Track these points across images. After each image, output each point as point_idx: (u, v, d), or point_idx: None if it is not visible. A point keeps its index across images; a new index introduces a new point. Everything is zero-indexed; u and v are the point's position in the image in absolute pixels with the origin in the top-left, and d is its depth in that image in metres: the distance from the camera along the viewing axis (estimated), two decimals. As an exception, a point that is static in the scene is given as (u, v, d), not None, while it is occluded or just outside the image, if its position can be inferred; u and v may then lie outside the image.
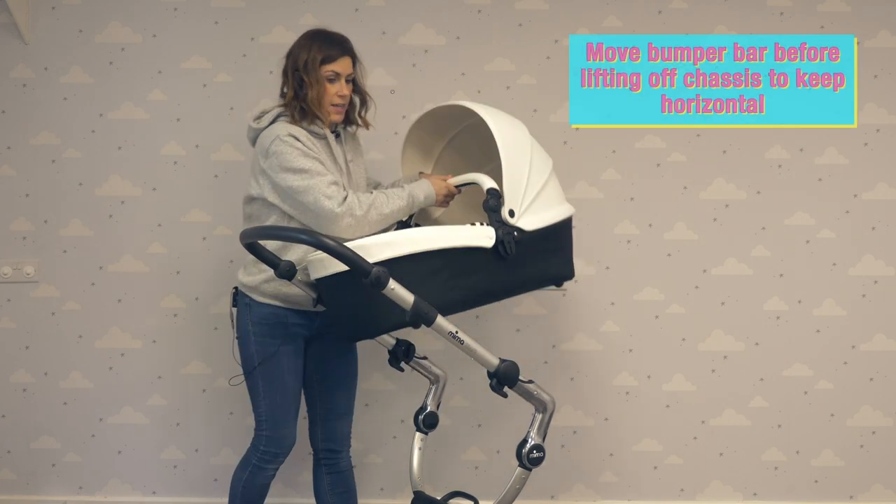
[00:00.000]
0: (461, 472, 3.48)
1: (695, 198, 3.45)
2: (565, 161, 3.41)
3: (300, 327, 2.70)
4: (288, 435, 2.76)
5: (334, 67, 2.64)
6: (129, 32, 3.40)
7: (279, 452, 2.76)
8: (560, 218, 2.67)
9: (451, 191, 2.72)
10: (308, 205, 2.47)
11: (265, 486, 2.80)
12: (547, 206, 2.61)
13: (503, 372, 2.28)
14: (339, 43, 2.68)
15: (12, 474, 3.49)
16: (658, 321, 3.47)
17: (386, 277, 2.16)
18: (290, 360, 2.70)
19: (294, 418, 2.76)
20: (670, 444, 3.50)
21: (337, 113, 2.70)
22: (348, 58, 2.67)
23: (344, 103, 2.70)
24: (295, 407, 2.76)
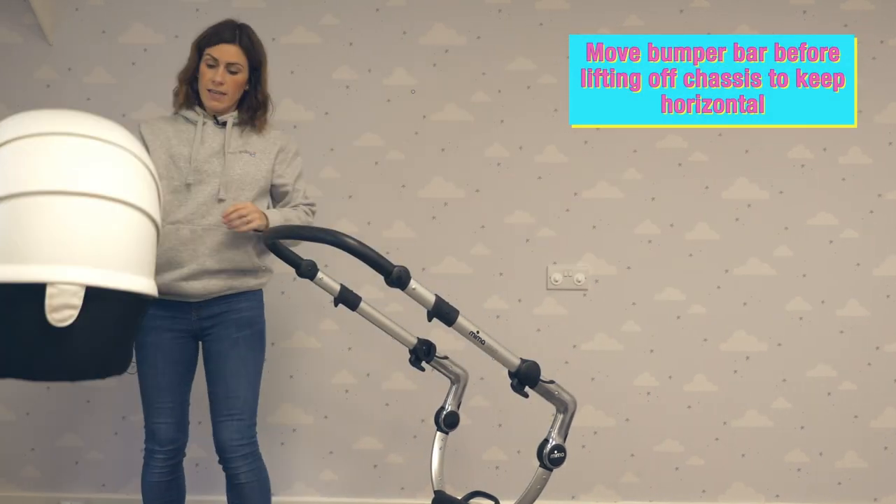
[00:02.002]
0: (482, 472, 3.48)
1: (717, 197, 3.43)
2: (586, 160, 3.41)
3: (161, 319, 2.60)
4: (158, 430, 2.66)
5: (213, 52, 2.57)
6: (152, 33, 3.43)
7: (153, 448, 2.69)
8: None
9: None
10: None
11: (154, 485, 2.72)
12: None
13: (524, 372, 2.27)
14: (229, 30, 2.59)
15: (36, 471, 3.52)
16: (679, 321, 3.45)
17: (407, 276, 2.16)
18: (151, 353, 2.62)
19: (164, 413, 2.65)
20: (692, 445, 3.48)
21: (213, 99, 2.60)
22: (234, 46, 2.57)
23: (217, 91, 2.57)
24: (162, 402, 2.64)
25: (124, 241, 1.87)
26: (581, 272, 3.44)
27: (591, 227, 3.44)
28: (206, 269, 2.58)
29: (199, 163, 2.58)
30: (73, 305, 1.77)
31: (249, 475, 2.64)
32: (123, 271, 1.85)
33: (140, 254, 1.90)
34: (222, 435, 2.62)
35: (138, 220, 1.88)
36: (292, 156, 2.73)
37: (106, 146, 1.91)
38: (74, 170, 1.85)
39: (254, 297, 2.71)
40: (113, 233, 1.85)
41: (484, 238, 3.45)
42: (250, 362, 2.65)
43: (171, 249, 2.56)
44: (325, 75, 3.40)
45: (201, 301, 2.61)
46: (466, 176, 3.44)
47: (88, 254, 1.81)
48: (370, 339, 3.33)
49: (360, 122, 3.41)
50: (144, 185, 1.92)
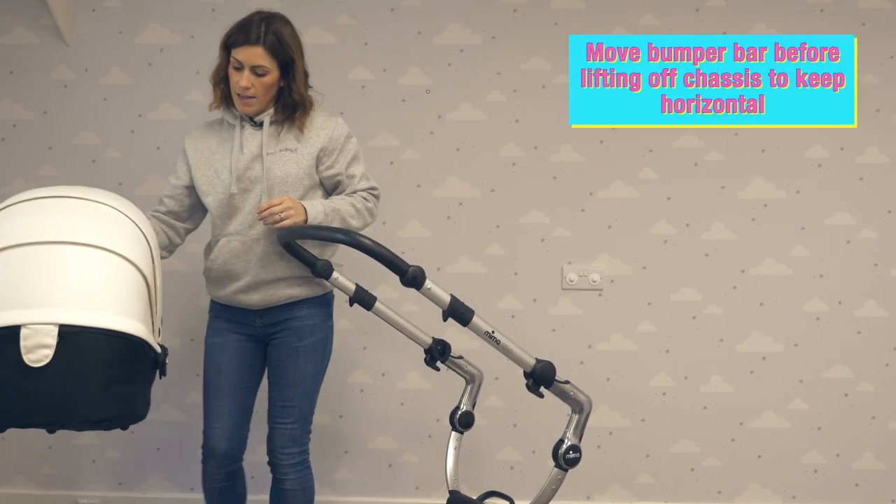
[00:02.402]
0: (497, 472, 3.47)
1: (733, 197, 3.41)
2: (602, 160, 3.40)
3: (227, 322, 2.66)
4: (212, 436, 2.64)
5: (237, 55, 2.46)
6: (168, 33, 3.44)
7: (206, 455, 2.67)
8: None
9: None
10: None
11: (211, 490, 2.71)
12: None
13: (539, 372, 2.27)
14: (253, 29, 2.46)
15: (53, 470, 3.54)
16: (695, 322, 3.44)
17: (423, 276, 2.16)
18: (216, 355, 2.66)
19: (220, 418, 2.63)
20: (708, 446, 3.47)
21: (242, 104, 2.53)
22: (258, 48, 2.45)
23: (246, 95, 2.49)
24: (220, 405, 2.64)
25: (101, 283, 1.97)
26: (596, 272, 3.43)
27: (606, 227, 3.43)
28: (261, 280, 2.57)
29: (241, 171, 2.56)
30: (47, 345, 1.86)
31: (295, 483, 2.64)
32: (101, 311, 1.93)
33: (121, 296, 1.98)
34: (274, 441, 2.63)
35: (118, 264, 2.00)
36: (343, 141, 2.61)
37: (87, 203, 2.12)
38: (48, 222, 2.03)
39: (316, 303, 2.66)
40: (89, 275, 1.97)
41: (499, 238, 3.45)
42: (309, 373, 2.64)
43: (227, 263, 2.59)
44: (341, 75, 3.41)
45: (264, 309, 2.61)
46: (481, 176, 3.44)
47: (61, 296, 1.93)
48: (385, 339, 3.34)
49: (375, 121, 3.41)
50: (125, 235, 2.07)
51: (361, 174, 2.64)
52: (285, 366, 2.62)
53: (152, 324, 2.09)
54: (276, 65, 2.49)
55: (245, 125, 2.59)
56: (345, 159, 2.61)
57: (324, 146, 2.58)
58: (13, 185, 3.47)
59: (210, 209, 2.64)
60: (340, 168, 2.61)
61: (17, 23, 3.45)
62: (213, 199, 2.61)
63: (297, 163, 2.57)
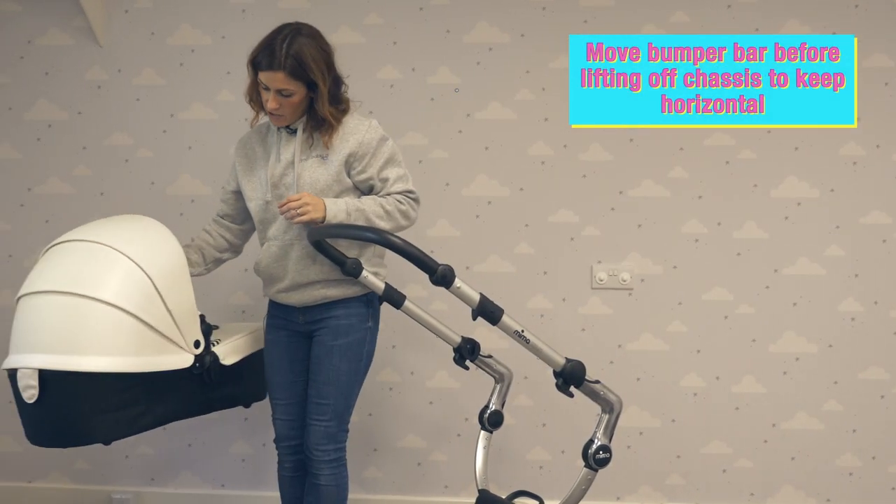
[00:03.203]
0: (526, 472, 3.47)
1: (765, 196, 3.38)
2: (632, 159, 3.38)
3: (278, 318, 2.75)
4: (276, 426, 2.78)
5: (262, 78, 2.50)
6: (199, 34, 3.47)
7: (277, 444, 2.81)
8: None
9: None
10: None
11: (281, 479, 2.83)
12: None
13: (569, 371, 2.27)
14: (270, 53, 2.47)
15: (87, 465, 3.59)
16: (727, 321, 3.41)
17: (452, 275, 2.17)
18: (270, 351, 2.78)
19: (279, 409, 2.76)
20: (740, 447, 3.44)
21: (274, 121, 2.60)
22: (279, 73, 2.46)
23: (275, 114, 2.54)
24: (277, 398, 2.76)
25: (76, 327, 2.30)
26: (626, 271, 3.41)
27: (636, 226, 3.41)
28: (298, 283, 2.64)
29: (277, 178, 2.61)
30: (31, 386, 2.27)
31: (329, 479, 2.67)
32: (75, 354, 2.27)
33: (97, 336, 2.30)
34: (310, 437, 2.66)
35: (93, 308, 2.30)
36: (375, 145, 2.59)
37: (87, 246, 2.43)
38: (45, 272, 2.39)
39: (353, 304, 2.67)
40: (64, 321, 2.30)
41: (528, 237, 3.44)
42: (343, 372, 2.66)
43: (268, 266, 2.68)
44: (370, 75, 3.41)
45: (304, 307, 2.67)
46: (510, 174, 3.43)
47: (44, 342, 2.29)
48: (414, 338, 3.35)
49: (404, 120, 3.42)
50: (112, 276, 2.35)
51: (397, 177, 2.61)
52: (321, 363, 2.66)
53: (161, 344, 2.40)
54: (300, 85, 2.50)
55: (282, 132, 2.64)
56: (377, 163, 2.60)
57: (352, 151, 2.58)
58: (48, 184, 3.53)
59: (252, 214, 2.73)
60: (372, 172, 2.60)
61: (52, 24, 3.50)
62: (254, 204, 2.69)
63: (327, 168, 2.58)
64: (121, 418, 2.40)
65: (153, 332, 2.37)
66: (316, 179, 2.58)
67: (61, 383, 2.28)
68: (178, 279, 2.47)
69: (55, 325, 2.32)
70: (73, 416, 2.35)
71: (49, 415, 2.33)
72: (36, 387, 2.27)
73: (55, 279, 2.36)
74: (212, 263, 2.83)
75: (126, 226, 2.59)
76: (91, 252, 2.41)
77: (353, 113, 2.65)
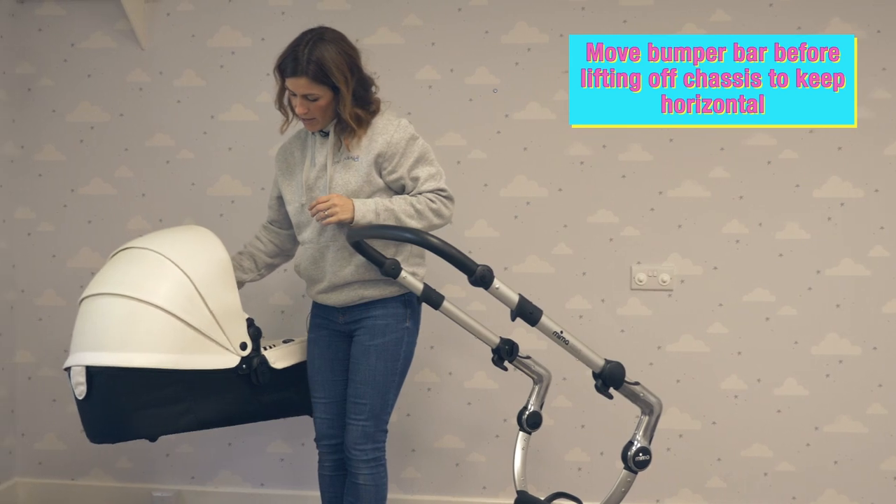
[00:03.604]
0: (564, 473, 3.45)
1: (808, 196, 3.34)
2: (672, 159, 3.36)
3: (320, 318, 2.79)
4: (317, 425, 2.80)
5: (288, 84, 2.55)
6: (239, 36, 3.50)
7: (317, 442, 2.82)
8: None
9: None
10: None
11: (322, 478, 2.84)
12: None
13: (608, 373, 2.25)
14: (293, 59, 2.51)
15: (130, 463, 3.63)
16: (769, 323, 3.37)
17: (491, 276, 2.17)
18: (311, 349, 2.81)
19: (319, 408, 2.78)
20: (781, 451, 3.39)
21: (305, 125, 2.65)
22: (302, 79, 2.50)
23: (305, 118, 2.59)
24: (318, 396, 2.78)
25: (122, 326, 2.43)
26: (666, 272, 3.38)
27: (676, 227, 3.38)
28: (335, 284, 2.67)
29: (311, 181, 2.65)
30: (81, 382, 2.42)
31: (368, 479, 2.68)
32: (121, 351, 2.40)
33: (141, 335, 2.42)
34: (348, 436, 2.68)
35: (138, 308, 2.42)
36: (405, 144, 2.58)
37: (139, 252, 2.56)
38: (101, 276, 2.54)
39: (391, 304, 2.68)
40: (113, 321, 2.44)
41: (567, 237, 3.42)
42: (379, 371, 2.66)
43: (307, 269, 2.73)
44: (409, 75, 3.42)
45: (344, 307, 2.70)
46: (549, 174, 3.42)
47: (92, 341, 2.44)
48: (452, 338, 3.35)
49: (443, 121, 3.42)
50: (158, 279, 2.47)
51: (428, 175, 2.60)
52: (358, 363, 2.67)
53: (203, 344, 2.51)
54: (325, 89, 2.52)
55: (317, 136, 2.67)
56: (407, 162, 2.60)
57: (381, 151, 2.58)
58: (91, 185, 3.58)
59: (290, 217, 2.76)
60: (403, 172, 2.60)
61: (95, 28, 3.55)
62: (291, 208, 2.73)
63: (357, 170, 2.60)
64: (163, 415, 2.49)
65: (196, 332, 2.47)
66: (347, 181, 2.59)
67: (105, 379, 2.41)
68: (222, 284, 2.57)
69: (102, 325, 2.45)
70: (117, 412, 2.47)
71: (96, 410, 2.46)
72: (84, 383, 2.41)
73: (108, 283, 2.50)
74: (264, 269, 2.90)
75: (179, 234, 2.75)
76: (142, 257, 2.56)
77: (385, 113, 2.66)
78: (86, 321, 2.50)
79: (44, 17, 3.58)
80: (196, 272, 2.51)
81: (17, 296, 3.63)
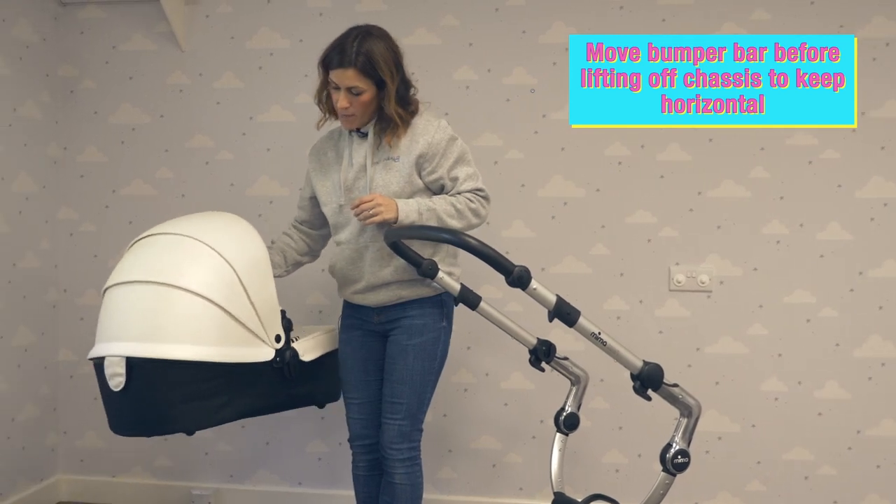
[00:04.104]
0: (601, 475, 3.43)
1: (850, 196, 3.29)
2: (711, 159, 3.33)
3: (353, 318, 2.78)
4: (351, 425, 2.80)
5: (333, 76, 2.53)
6: (278, 38, 3.52)
7: (352, 443, 2.81)
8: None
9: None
10: None
11: (357, 479, 2.84)
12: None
13: (647, 374, 2.23)
14: (346, 50, 2.51)
15: (169, 461, 3.67)
16: (810, 325, 3.32)
17: (528, 276, 2.16)
18: (343, 350, 2.80)
19: (353, 409, 2.78)
20: (823, 454, 3.35)
21: (344, 122, 2.63)
22: (350, 70, 2.49)
23: (346, 114, 2.58)
24: (351, 397, 2.78)
25: (163, 316, 2.32)
26: (705, 273, 3.35)
27: (715, 227, 3.35)
28: (373, 285, 2.66)
29: (350, 182, 2.65)
30: (119, 374, 2.29)
31: (404, 478, 2.68)
32: (161, 342, 2.30)
33: (183, 325, 2.32)
34: (384, 436, 2.68)
35: (179, 297, 2.33)
36: (445, 145, 2.59)
37: (174, 238, 2.46)
38: (132, 262, 2.43)
39: (427, 304, 2.69)
40: (152, 310, 2.32)
41: (604, 238, 3.41)
42: (416, 371, 2.67)
43: (344, 269, 2.72)
44: (446, 76, 3.43)
45: (380, 307, 2.70)
46: (586, 175, 3.40)
47: (131, 330, 2.32)
48: (489, 339, 3.34)
49: (480, 121, 3.42)
50: (198, 267, 2.38)
51: (467, 175, 2.62)
52: (395, 363, 2.68)
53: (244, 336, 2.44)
54: (370, 83, 2.53)
55: (354, 136, 2.67)
56: (447, 162, 2.61)
57: (422, 152, 2.59)
58: (132, 186, 3.62)
59: (327, 218, 2.76)
60: (442, 172, 2.61)
61: (136, 30, 3.59)
62: (328, 209, 2.73)
63: (399, 171, 2.60)
64: (204, 408, 2.43)
65: (237, 323, 2.40)
66: (389, 182, 2.60)
67: (147, 371, 2.31)
68: (262, 273, 2.51)
69: (142, 314, 2.35)
70: (158, 404, 2.37)
71: (135, 403, 2.35)
72: (123, 374, 2.29)
73: (141, 270, 2.40)
74: (292, 266, 2.89)
75: (210, 220, 2.65)
76: (177, 244, 2.46)
77: (423, 114, 2.66)
78: (117, 310, 2.38)
79: (86, 20, 3.63)
80: (238, 262, 2.43)
81: (60, 295, 3.68)
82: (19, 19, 3.44)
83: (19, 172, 3.45)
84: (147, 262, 2.42)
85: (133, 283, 2.39)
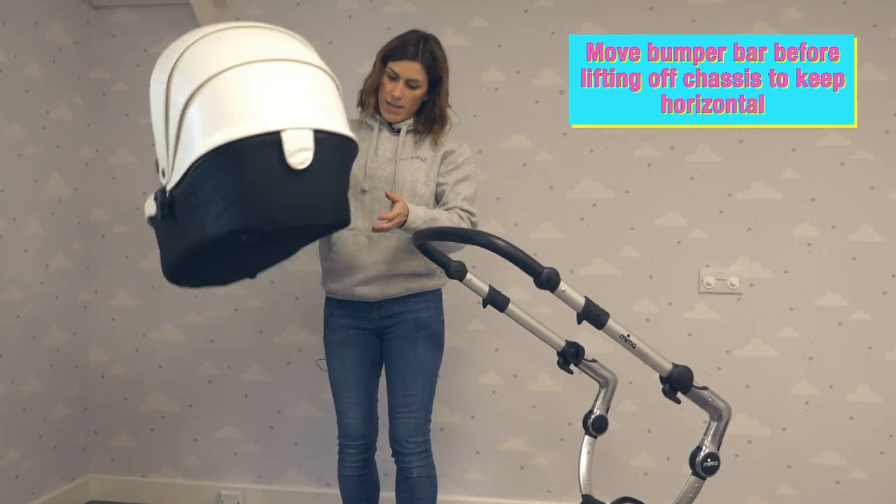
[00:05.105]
0: (630, 478, 3.42)
1: (882, 198, 3.25)
2: (741, 160, 3.30)
3: (345, 317, 2.74)
4: (348, 425, 2.77)
5: (395, 67, 2.61)
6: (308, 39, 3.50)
7: (346, 444, 2.79)
8: (198, 155, 1.91)
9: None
10: None
11: (348, 479, 2.82)
12: (186, 150, 1.95)
13: (676, 377, 2.22)
14: (413, 45, 2.62)
15: (198, 461, 3.70)
16: (841, 328, 3.29)
17: (557, 278, 2.15)
18: (338, 350, 2.76)
19: (352, 408, 2.76)
20: (854, 458, 3.31)
21: (390, 112, 2.67)
22: (416, 63, 2.60)
23: (396, 105, 2.64)
24: (349, 397, 2.76)
25: (329, 97, 2.06)
26: (735, 275, 3.33)
27: (745, 229, 3.33)
28: (383, 275, 2.66)
29: (374, 171, 2.66)
30: (307, 147, 1.93)
31: (422, 471, 2.72)
32: (336, 121, 2.03)
33: (339, 109, 2.07)
34: (400, 430, 2.70)
35: (331, 83, 2.09)
36: (462, 160, 2.72)
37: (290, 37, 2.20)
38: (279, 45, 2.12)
39: (431, 297, 2.75)
40: (321, 90, 2.05)
41: (633, 240, 3.39)
42: (428, 362, 2.71)
43: (352, 256, 2.68)
44: (474, 77, 3.43)
45: (380, 301, 2.70)
46: (615, 177, 3.39)
47: (310, 105, 1.99)
48: (517, 341, 3.34)
49: (508, 123, 3.42)
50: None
51: (466, 196, 2.70)
52: (406, 356, 2.69)
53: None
54: (427, 80, 2.63)
55: (383, 129, 2.70)
56: (457, 174, 2.70)
57: (450, 149, 2.70)
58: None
59: None
60: (451, 179, 2.69)
61: (168, 33, 3.59)
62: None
63: (427, 171, 2.67)
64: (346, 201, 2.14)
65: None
66: (416, 179, 2.65)
67: (335, 146, 2.01)
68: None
69: (318, 92, 2.06)
70: (341, 187, 2.11)
71: (315, 183, 1.98)
72: (312, 149, 1.94)
73: (300, 54, 2.11)
74: None
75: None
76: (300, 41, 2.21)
77: (449, 133, 2.75)
78: (289, 86, 2.01)
79: (118, 24, 3.67)
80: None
81: (91, 296, 3.72)
82: (52, 23, 3.48)
83: (52, 174, 3.49)
84: (298, 49, 2.14)
85: (301, 62, 2.08)
